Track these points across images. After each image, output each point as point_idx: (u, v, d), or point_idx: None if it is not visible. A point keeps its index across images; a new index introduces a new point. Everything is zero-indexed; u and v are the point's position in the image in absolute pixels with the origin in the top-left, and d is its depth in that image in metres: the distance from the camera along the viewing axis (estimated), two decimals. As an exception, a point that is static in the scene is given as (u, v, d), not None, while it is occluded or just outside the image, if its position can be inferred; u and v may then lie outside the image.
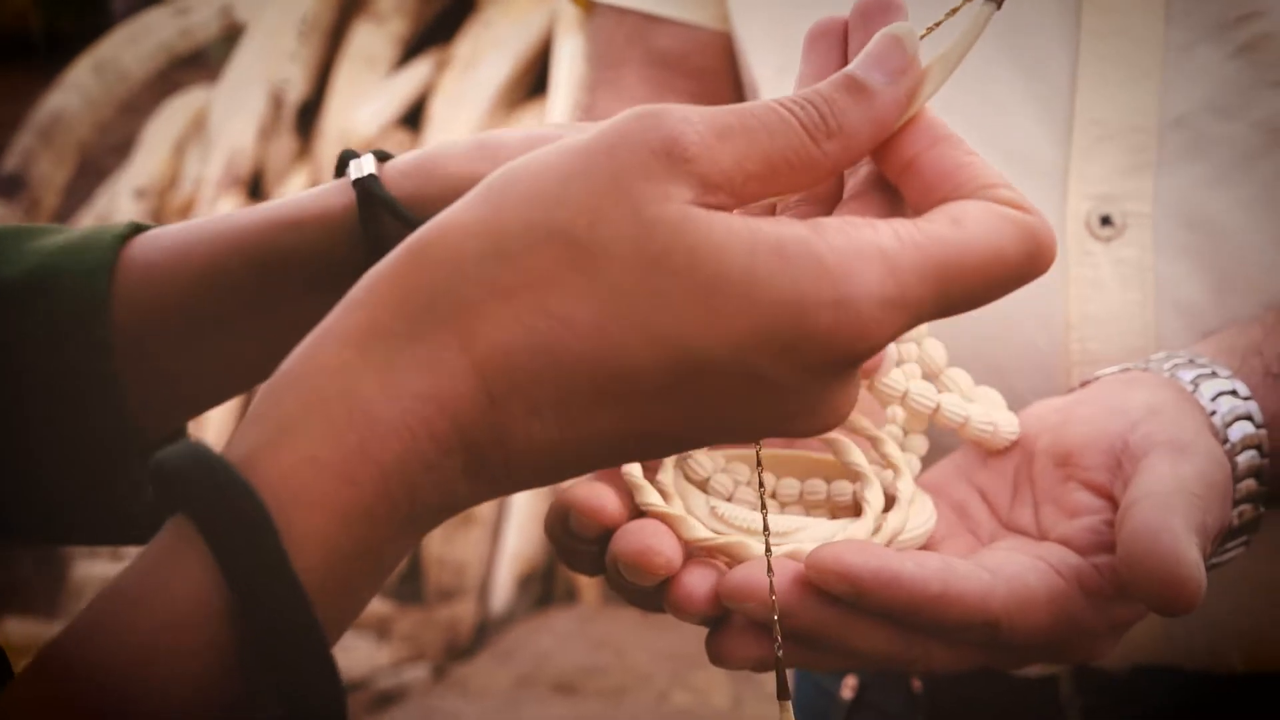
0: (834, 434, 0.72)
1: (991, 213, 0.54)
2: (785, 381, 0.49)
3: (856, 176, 0.57)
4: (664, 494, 0.69)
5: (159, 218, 3.30)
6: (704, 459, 0.73)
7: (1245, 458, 0.75)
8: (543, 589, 2.99)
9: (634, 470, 0.69)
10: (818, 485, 0.74)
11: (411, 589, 3.03)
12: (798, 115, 0.51)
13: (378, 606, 2.97)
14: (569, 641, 2.91)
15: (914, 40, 0.54)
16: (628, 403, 0.49)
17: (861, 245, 0.49)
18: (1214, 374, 0.76)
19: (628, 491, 0.70)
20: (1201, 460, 0.68)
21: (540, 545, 2.95)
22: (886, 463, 0.73)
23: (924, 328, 0.80)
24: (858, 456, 0.72)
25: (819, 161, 0.51)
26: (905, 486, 0.72)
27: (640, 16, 1.03)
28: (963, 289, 0.53)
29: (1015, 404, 0.88)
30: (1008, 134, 0.89)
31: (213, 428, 3.17)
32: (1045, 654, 0.68)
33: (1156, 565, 0.62)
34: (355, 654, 2.90)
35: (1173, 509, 0.64)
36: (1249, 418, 0.74)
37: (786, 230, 0.49)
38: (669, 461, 0.70)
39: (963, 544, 0.72)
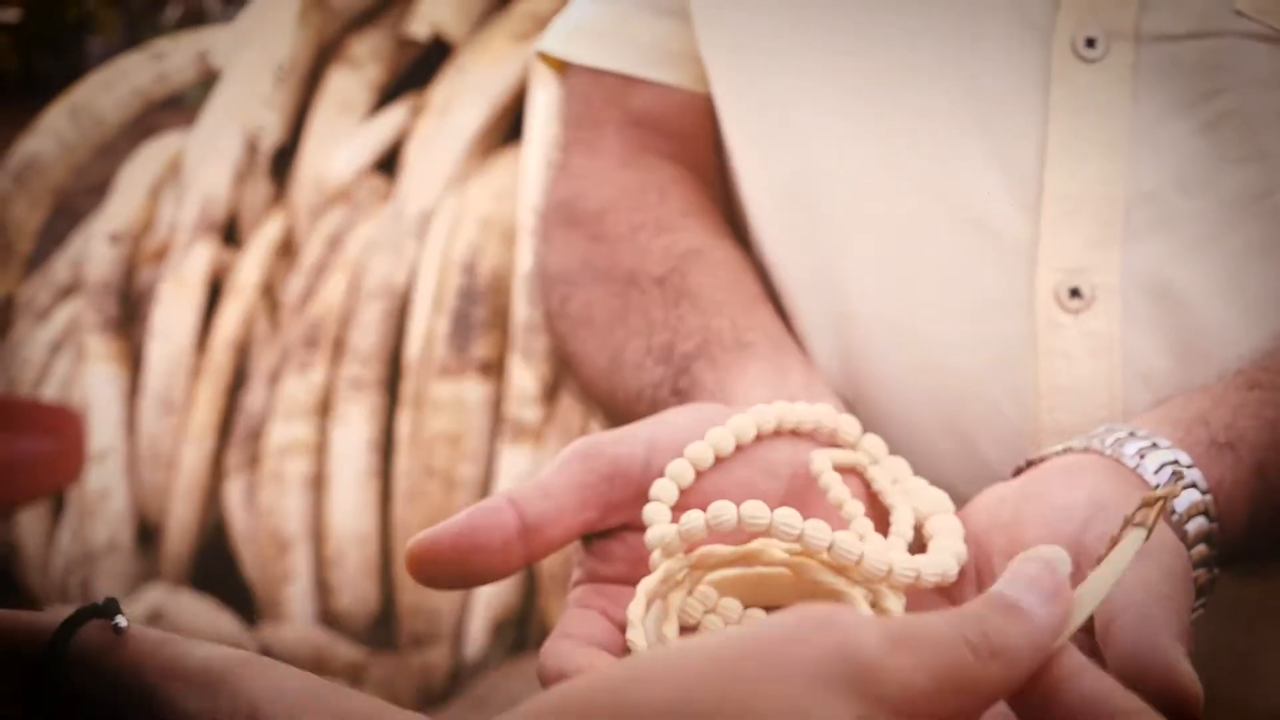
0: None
1: None
2: None
3: None
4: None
5: (133, 262, 3.30)
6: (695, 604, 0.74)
7: (1194, 525, 0.76)
8: (517, 635, 2.98)
9: (638, 638, 0.70)
10: (756, 614, 0.74)
11: (384, 635, 3.02)
12: (969, 635, 0.48)
13: (350, 653, 2.96)
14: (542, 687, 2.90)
15: (1066, 564, 0.52)
16: None
17: None
18: (1155, 445, 0.76)
19: (621, 649, 0.71)
20: (1161, 554, 0.69)
21: (515, 590, 2.95)
22: None
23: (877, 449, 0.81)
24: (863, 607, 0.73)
25: (983, 684, 0.48)
26: None
27: (617, 78, 1.02)
28: None
29: (985, 474, 0.89)
30: (976, 205, 0.90)
31: (183, 476, 3.17)
32: None
33: (1154, 687, 0.63)
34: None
35: (1154, 621, 0.65)
36: (1194, 485, 0.75)
37: None
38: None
39: None
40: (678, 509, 0.74)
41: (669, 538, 0.73)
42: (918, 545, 0.78)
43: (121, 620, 0.62)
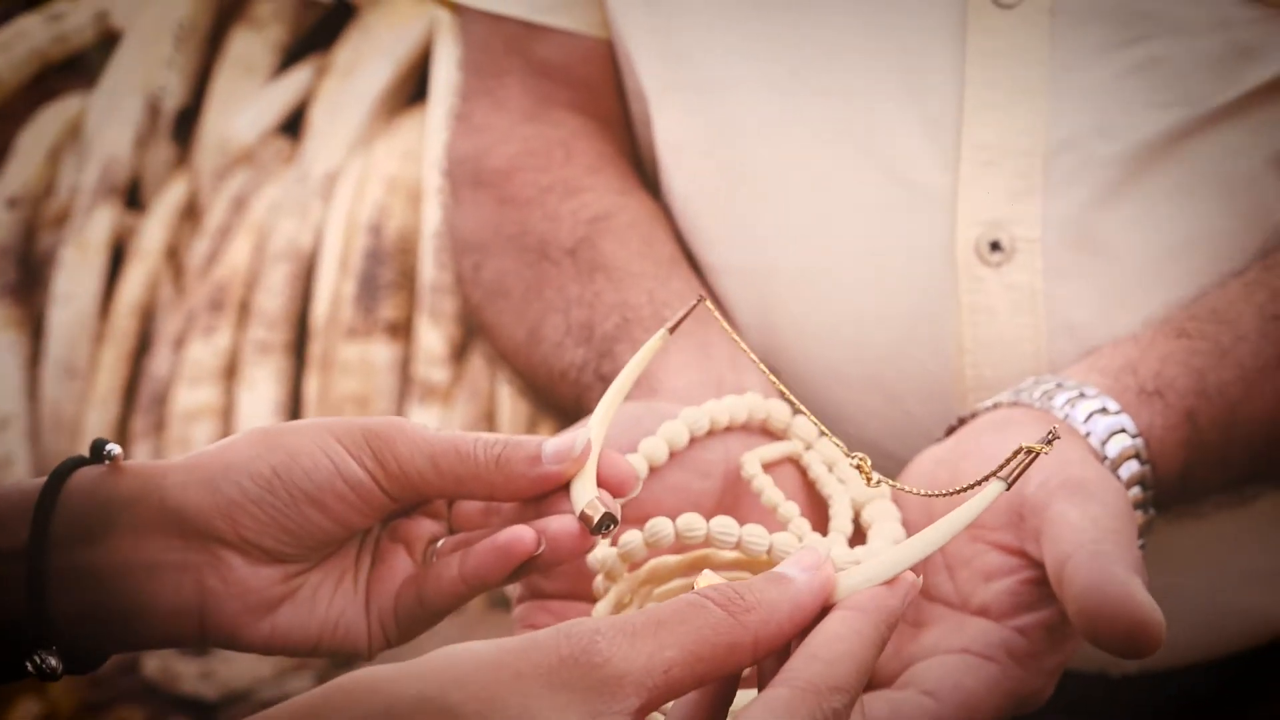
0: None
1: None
2: None
3: None
4: None
5: (33, 227, 3.25)
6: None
7: (1126, 469, 0.77)
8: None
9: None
10: None
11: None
12: (712, 597, 0.55)
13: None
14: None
15: (828, 548, 0.61)
16: None
17: None
18: (1083, 395, 0.78)
19: None
20: (1103, 493, 0.71)
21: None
22: None
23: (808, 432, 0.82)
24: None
25: (739, 635, 0.55)
26: None
27: (518, 24, 1.00)
28: None
29: (913, 430, 0.90)
30: (896, 159, 0.90)
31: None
32: None
33: (1115, 619, 0.65)
34: (237, 665, 2.88)
35: (1108, 557, 0.67)
36: (1124, 430, 0.77)
37: None
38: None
39: (894, 636, 0.74)
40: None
41: (610, 561, 0.74)
42: (857, 535, 0.78)
43: (113, 448, 0.67)
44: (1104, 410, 0.77)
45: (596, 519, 0.70)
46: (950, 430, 0.83)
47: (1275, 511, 0.93)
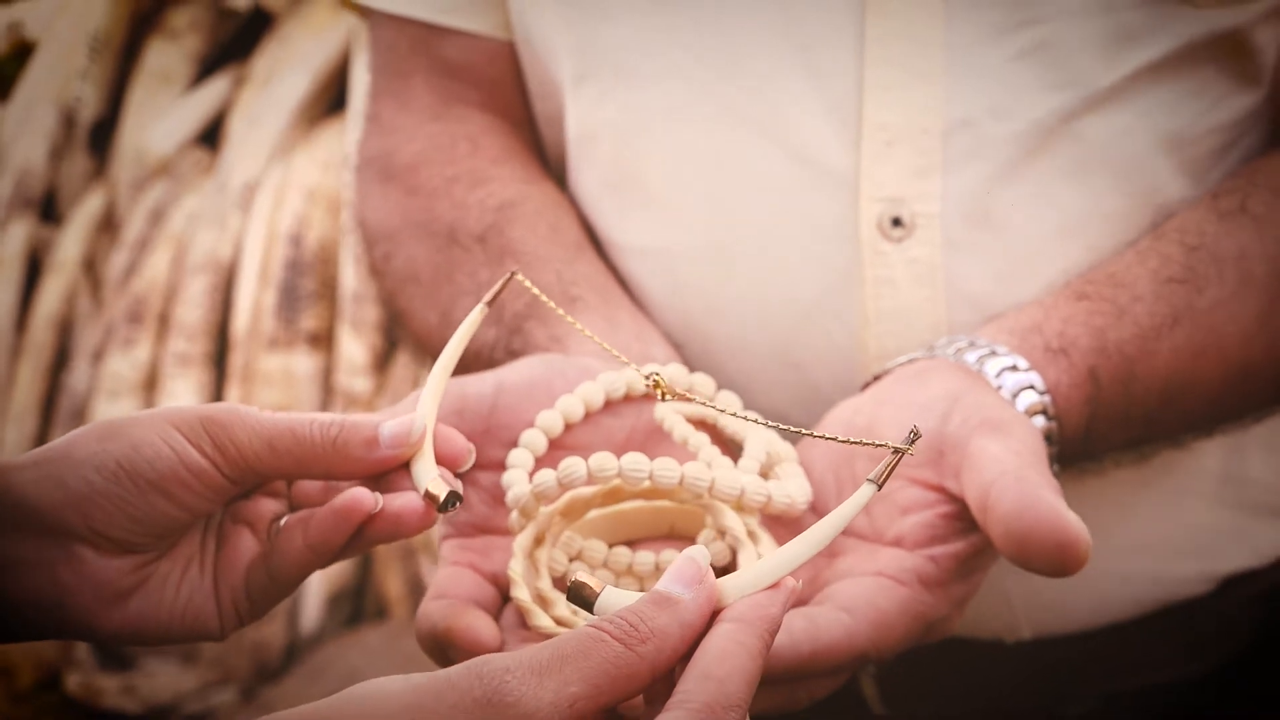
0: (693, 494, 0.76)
1: None
2: None
3: None
4: (544, 600, 0.74)
5: (-53, 240, 3.22)
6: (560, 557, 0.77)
7: (1035, 423, 0.80)
8: (353, 607, 2.97)
9: (523, 594, 0.73)
10: (621, 553, 0.78)
11: (218, 611, 2.99)
12: (609, 630, 0.59)
13: (184, 630, 2.93)
14: (379, 659, 2.89)
15: (706, 557, 0.62)
16: None
17: None
18: (994, 352, 0.81)
19: (496, 602, 0.77)
20: (1021, 430, 0.74)
21: (350, 564, 2.94)
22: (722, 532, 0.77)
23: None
24: (731, 521, 0.75)
25: (637, 666, 0.58)
26: (748, 556, 0.75)
27: (423, 26, 1.03)
28: None
29: (818, 399, 0.91)
30: (798, 139, 0.92)
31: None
32: (904, 649, 0.73)
33: (1046, 534, 0.68)
34: (160, 679, 2.86)
35: (1033, 480, 0.70)
36: (1032, 387, 0.80)
37: None
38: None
39: (808, 565, 0.76)
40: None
41: (524, 499, 0.76)
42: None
43: None
44: (1014, 368, 0.80)
45: (442, 497, 0.72)
46: (865, 386, 0.85)
47: (1167, 480, 0.96)
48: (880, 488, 0.64)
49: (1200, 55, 0.90)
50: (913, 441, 0.63)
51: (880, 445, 0.64)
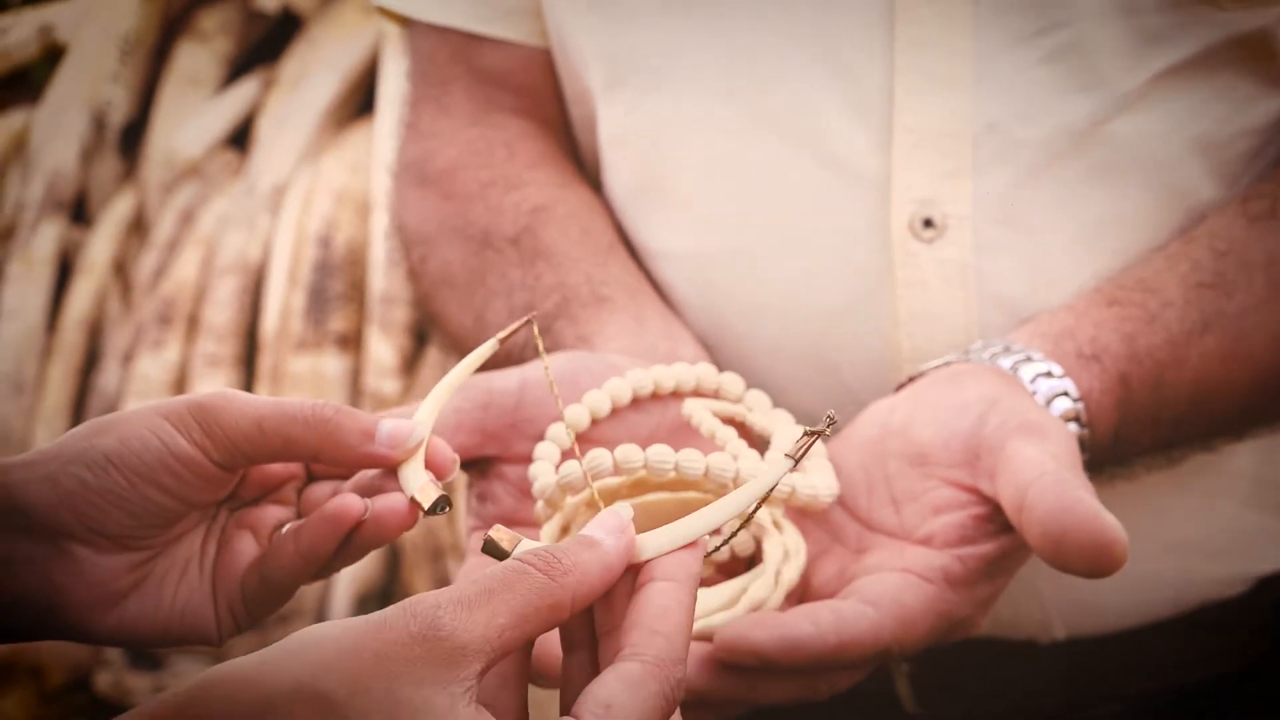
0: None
1: None
2: None
3: None
4: None
5: (-21, 242, 3.24)
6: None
7: (1069, 429, 0.80)
8: (380, 607, 2.97)
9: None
10: None
11: (247, 612, 3.00)
12: (533, 563, 0.60)
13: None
14: (408, 659, 2.90)
15: (630, 513, 0.64)
16: None
17: None
18: (1029, 359, 0.81)
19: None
20: (1058, 434, 0.74)
21: (378, 564, 2.94)
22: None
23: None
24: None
25: (559, 595, 0.60)
26: (773, 546, 0.76)
27: (462, 35, 1.04)
28: None
29: (849, 400, 0.91)
30: (828, 144, 0.92)
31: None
32: (926, 646, 0.74)
33: (1084, 535, 0.69)
34: (190, 678, 2.87)
35: (1071, 482, 0.70)
36: (1066, 394, 0.80)
37: None
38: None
39: (835, 560, 0.77)
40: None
41: (550, 490, 0.77)
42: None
43: None
44: (1048, 374, 0.81)
45: (431, 502, 0.73)
46: (900, 387, 0.86)
47: (1199, 482, 0.96)
48: (796, 464, 0.66)
49: (1225, 57, 0.91)
50: (830, 424, 0.65)
51: (804, 429, 0.66)
